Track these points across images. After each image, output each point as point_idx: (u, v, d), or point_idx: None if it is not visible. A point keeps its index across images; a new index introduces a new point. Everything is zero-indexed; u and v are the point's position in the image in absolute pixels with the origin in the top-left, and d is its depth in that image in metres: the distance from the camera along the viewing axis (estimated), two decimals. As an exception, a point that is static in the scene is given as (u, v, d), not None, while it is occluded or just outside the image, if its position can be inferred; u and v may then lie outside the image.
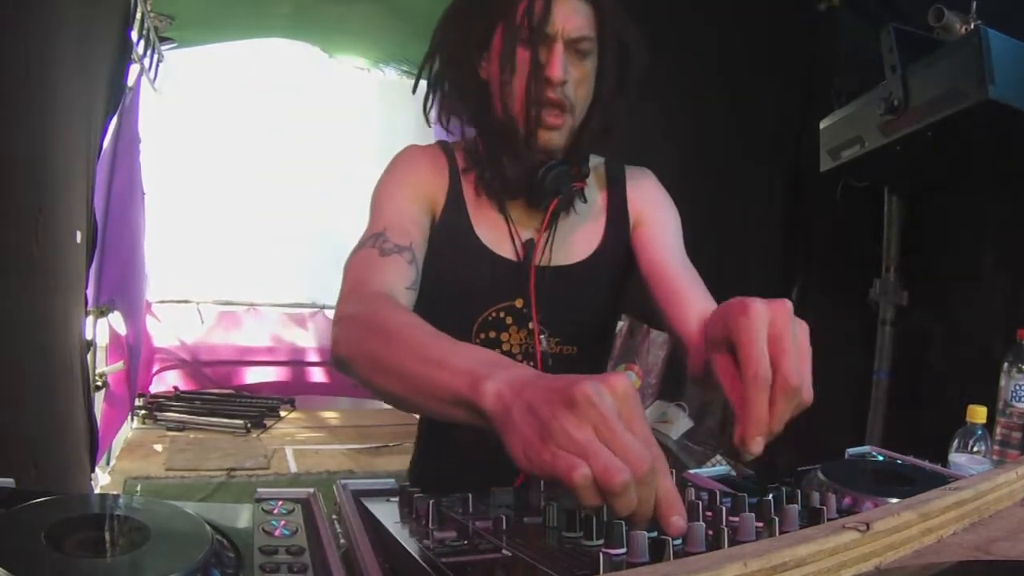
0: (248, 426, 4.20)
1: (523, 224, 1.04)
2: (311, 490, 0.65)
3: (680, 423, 2.83)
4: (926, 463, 0.85)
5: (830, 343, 2.22)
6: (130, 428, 4.09)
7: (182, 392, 4.81)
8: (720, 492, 0.63)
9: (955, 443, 1.02)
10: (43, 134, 1.83)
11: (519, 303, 1.03)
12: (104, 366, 3.43)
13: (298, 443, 4.07)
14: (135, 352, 3.91)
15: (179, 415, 4.29)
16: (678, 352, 0.98)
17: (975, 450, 1.01)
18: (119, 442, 3.72)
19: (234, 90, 4.87)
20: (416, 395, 0.66)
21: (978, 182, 1.79)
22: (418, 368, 0.65)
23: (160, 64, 4.22)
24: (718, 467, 0.91)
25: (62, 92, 1.97)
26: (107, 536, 0.51)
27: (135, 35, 3.30)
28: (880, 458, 0.87)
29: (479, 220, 1.03)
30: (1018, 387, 1.05)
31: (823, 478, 0.72)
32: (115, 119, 2.88)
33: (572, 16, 0.92)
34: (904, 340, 2.00)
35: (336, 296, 0.90)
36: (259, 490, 0.63)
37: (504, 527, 0.55)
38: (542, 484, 0.63)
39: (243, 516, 0.60)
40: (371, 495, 0.66)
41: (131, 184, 3.78)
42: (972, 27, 1.43)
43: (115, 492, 2.81)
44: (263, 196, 4.96)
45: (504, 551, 0.51)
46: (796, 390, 0.56)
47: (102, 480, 3.08)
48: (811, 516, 0.56)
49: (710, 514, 0.56)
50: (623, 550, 0.48)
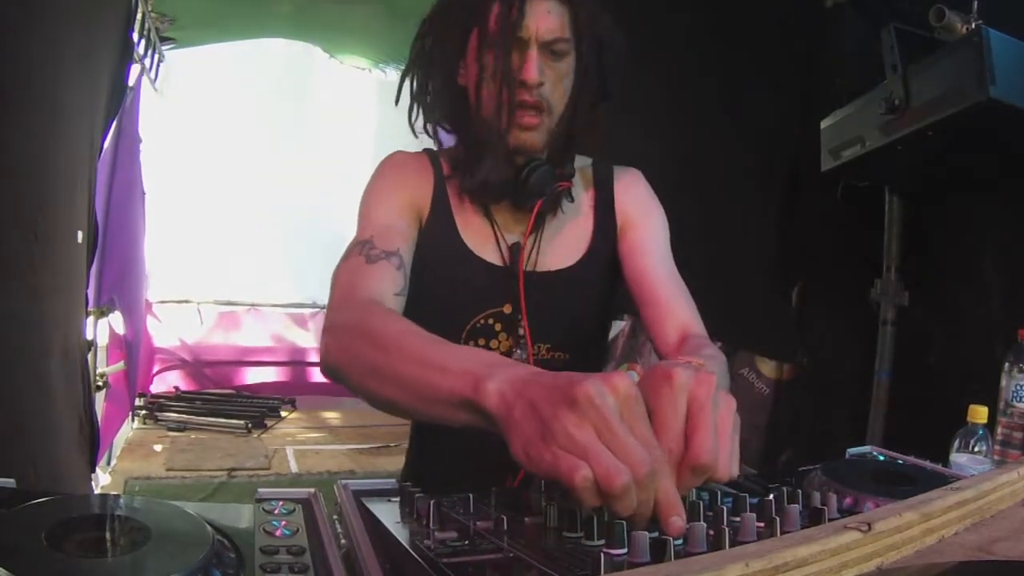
0: (249, 426, 4.21)
1: (509, 228, 1.03)
2: (312, 490, 0.65)
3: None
4: (927, 463, 0.85)
5: (831, 343, 2.23)
6: (131, 428, 4.10)
7: (183, 392, 4.82)
8: (721, 492, 0.63)
9: (956, 443, 1.02)
10: (45, 134, 1.83)
11: (507, 309, 1.02)
12: (104, 366, 3.44)
13: (299, 443, 4.08)
14: (135, 351, 3.91)
15: (180, 415, 4.30)
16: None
17: (976, 450, 1.01)
18: (120, 442, 3.72)
19: (234, 90, 4.87)
20: (415, 400, 0.66)
21: (979, 182, 1.79)
22: (416, 372, 0.65)
23: (161, 64, 4.23)
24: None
25: (64, 92, 1.97)
26: (108, 536, 0.51)
27: (136, 35, 3.30)
28: (881, 458, 0.87)
29: (465, 225, 1.03)
30: (1019, 387, 1.05)
31: (824, 478, 0.72)
32: (116, 119, 2.88)
33: (545, 18, 0.92)
34: (905, 340, 2.00)
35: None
36: (260, 490, 0.63)
37: (505, 527, 0.55)
38: (543, 484, 0.63)
39: (244, 516, 0.59)
40: (372, 495, 0.66)
41: (131, 184, 3.78)
42: (973, 27, 1.43)
43: (116, 492, 2.82)
44: (263, 196, 4.97)
45: (505, 552, 0.51)
46: (705, 467, 0.53)
47: (103, 480, 3.09)
48: (812, 516, 0.56)
49: (711, 514, 0.56)
50: (624, 550, 0.48)
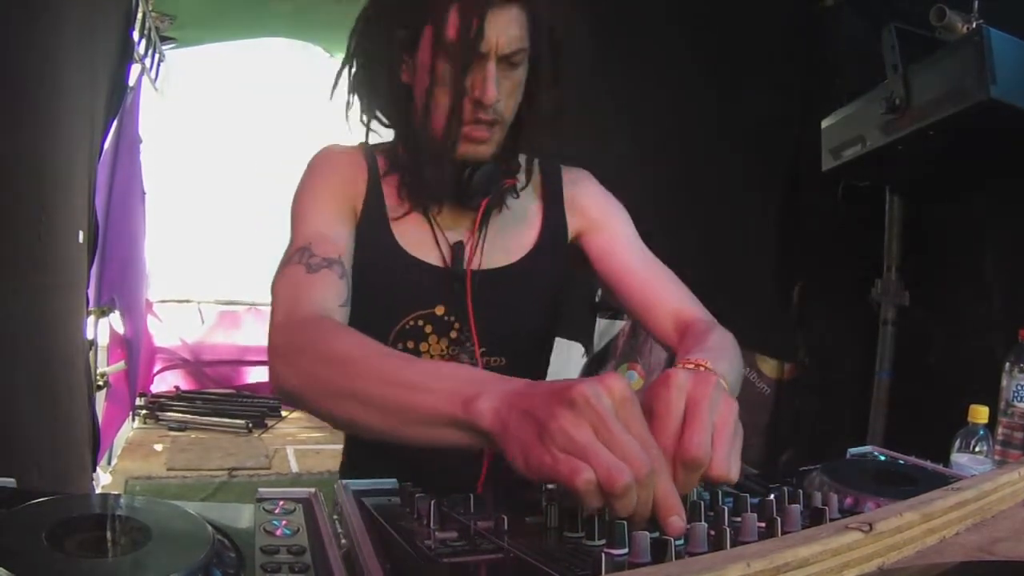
0: (249, 426, 4.21)
1: (450, 226, 0.99)
2: (312, 490, 0.65)
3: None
4: (928, 463, 0.85)
5: (831, 343, 2.23)
6: (131, 428, 4.10)
7: (183, 392, 4.82)
8: (722, 492, 0.63)
9: (957, 443, 1.02)
10: (46, 134, 1.83)
11: (440, 310, 0.96)
12: (105, 366, 3.44)
13: (299, 443, 4.08)
14: (135, 350, 3.91)
15: (180, 415, 4.30)
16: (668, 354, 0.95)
17: (977, 450, 1.01)
18: (120, 442, 3.72)
19: (235, 90, 4.88)
20: (395, 422, 0.64)
21: (980, 182, 1.79)
22: (394, 394, 0.63)
23: (161, 64, 4.22)
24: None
25: (65, 92, 1.97)
26: (108, 536, 0.51)
27: (136, 35, 3.30)
28: (882, 458, 0.87)
29: (400, 225, 0.97)
30: (1020, 387, 1.05)
31: (825, 478, 0.72)
32: (116, 119, 2.88)
33: (506, 29, 0.86)
34: (905, 340, 1.99)
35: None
36: (260, 490, 0.63)
37: (506, 527, 0.55)
38: (543, 485, 0.63)
39: (244, 516, 0.59)
40: (372, 495, 0.66)
41: (132, 184, 3.78)
42: (974, 26, 1.43)
43: (116, 492, 2.81)
44: (263, 195, 4.96)
45: (506, 551, 0.51)
46: (695, 462, 0.52)
47: (103, 480, 3.09)
48: (813, 516, 0.56)
49: (712, 514, 0.56)
50: (625, 550, 0.48)
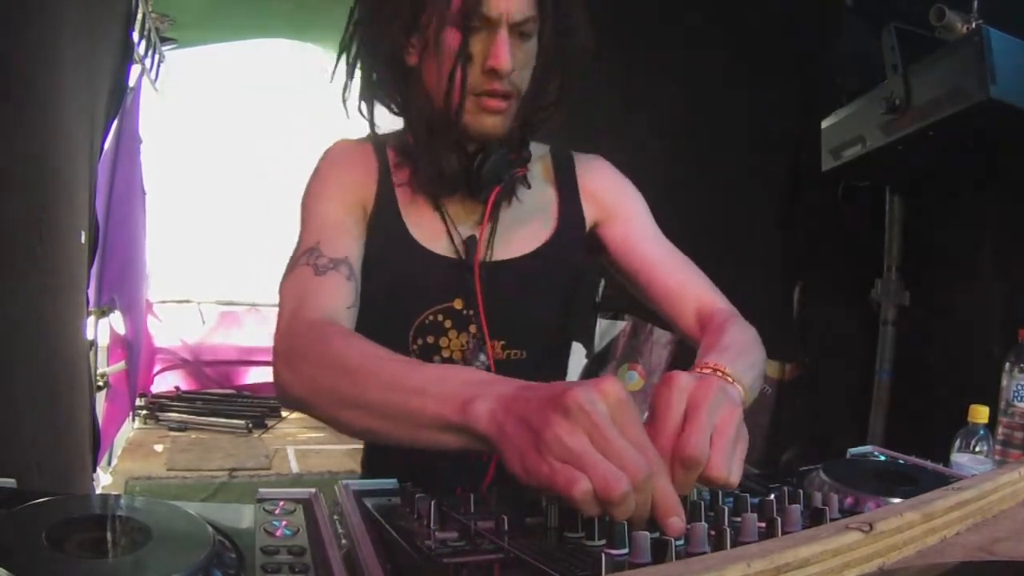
0: (250, 426, 4.21)
1: (462, 219, 0.96)
2: (313, 490, 0.65)
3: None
4: (928, 463, 0.85)
5: (831, 343, 2.23)
6: (131, 428, 4.10)
7: (183, 392, 4.82)
8: (722, 492, 0.63)
9: (957, 443, 1.02)
10: (46, 134, 1.83)
11: (458, 304, 0.94)
12: (105, 366, 3.44)
13: (300, 443, 4.07)
14: (135, 350, 3.91)
15: (180, 415, 4.30)
16: (688, 346, 0.94)
17: (977, 450, 1.01)
18: (121, 442, 3.72)
19: (235, 90, 4.88)
20: (397, 428, 0.63)
21: (980, 182, 1.79)
22: (394, 399, 0.63)
23: (161, 64, 4.23)
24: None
25: (65, 93, 1.97)
26: (108, 537, 0.51)
27: (136, 35, 3.30)
28: (882, 458, 0.87)
29: (413, 217, 0.95)
30: (1020, 387, 1.05)
31: (825, 478, 0.72)
32: (116, 119, 2.88)
33: None
34: (905, 340, 2.00)
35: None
36: (261, 490, 0.63)
37: (506, 527, 0.55)
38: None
39: (245, 516, 0.60)
40: (373, 495, 0.66)
41: (132, 184, 3.78)
42: (973, 26, 1.43)
43: (116, 492, 2.82)
44: (264, 196, 4.97)
45: (506, 551, 0.51)
46: (692, 460, 0.52)
47: (103, 480, 3.09)
48: (814, 516, 0.56)
49: (712, 514, 0.56)
50: (625, 551, 0.48)
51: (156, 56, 4.00)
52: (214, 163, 4.83)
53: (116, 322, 3.63)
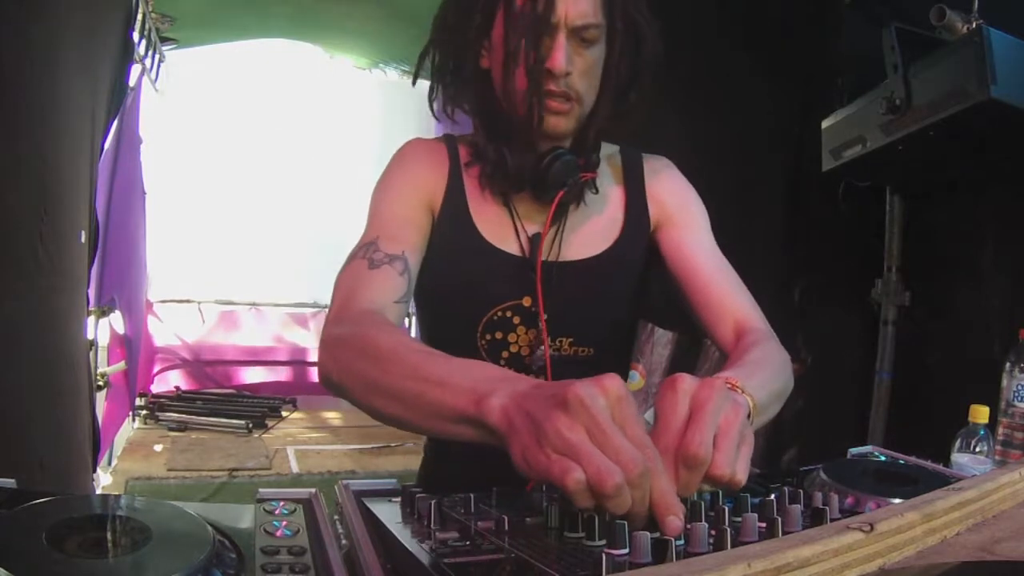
0: (250, 426, 4.20)
1: (530, 218, 0.98)
2: (313, 490, 0.65)
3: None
4: (928, 463, 0.85)
5: (832, 343, 2.23)
6: (132, 428, 4.10)
7: (184, 392, 4.82)
8: (723, 492, 0.63)
9: (957, 443, 1.02)
10: (47, 135, 1.83)
11: (527, 301, 0.97)
12: (106, 366, 3.44)
13: (300, 443, 4.07)
14: (134, 350, 3.92)
15: (181, 415, 4.29)
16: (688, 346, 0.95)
17: (977, 450, 1.01)
18: (121, 442, 3.72)
19: (235, 90, 4.88)
20: (419, 416, 0.65)
21: (980, 182, 1.79)
22: (417, 388, 0.64)
23: (161, 64, 4.23)
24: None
25: (66, 93, 1.97)
26: (108, 537, 0.51)
27: (136, 35, 3.30)
28: (882, 458, 0.87)
29: (481, 215, 0.98)
30: (1020, 387, 1.05)
31: (825, 478, 0.72)
32: (117, 119, 2.88)
33: (576, 1, 0.86)
34: (906, 340, 2.00)
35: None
36: (261, 490, 0.63)
37: (506, 527, 0.55)
38: (544, 485, 0.63)
39: (245, 517, 0.59)
40: (373, 495, 0.66)
41: (132, 184, 3.79)
42: (974, 26, 1.43)
43: (116, 492, 2.82)
44: (264, 196, 4.97)
45: (506, 552, 0.51)
46: (697, 460, 0.53)
47: (104, 480, 3.09)
48: (814, 516, 0.56)
49: (712, 514, 0.56)
50: (626, 551, 0.48)
51: (156, 56, 4.00)
52: (214, 163, 4.82)
53: (116, 322, 3.63)
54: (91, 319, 2.93)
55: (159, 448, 3.72)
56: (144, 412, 4.30)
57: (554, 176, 0.93)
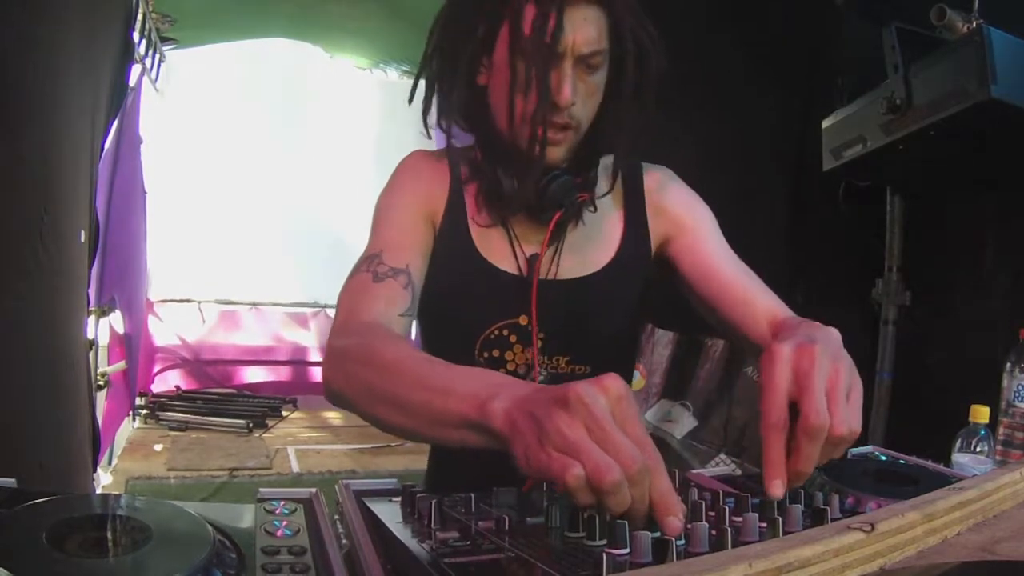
0: (250, 426, 4.21)
1: (527, 237, 0.98)
2: (313, 490, 0.65)
3: (684, 422, 2.83)
4: (929, 463, 0.85)
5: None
6: (132, 428, 4.10)
7: (184, 392, 4.82)
8: (723, 492, 0.63)
9: (958, 443, 1.02)
10: (47, 135, 1.83)
11: (523, 320, 0.97)
12: (106, 366, 3.44)
13: (300, 443, 4.08)
14: (134, 348, 3.92)
15: (181, 415, 4.30)
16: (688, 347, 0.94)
17: (978, 450, 1.01)
18: (121, 442, 3.72)
19: (235, 90, 4.88)
20: (423, 425, 0.66)
21: (980, 181, 1.79)
22: (421, 397, 0.65)
23: (162, 64, 4.23)
24: (721, 467, 0.90)
25: (66, 93, 1.97)
26: (109, 536, 0.51)
27: (137, 35, 3.30)
28: (883, 458, 0.87)
29: (480, 232, 0.98)
30: (1021, 387, 1.05)
31: (826, 478, 0.71)
32: (117, 119, 2.89)
33: (583, 28, 0.84)
34: (906, 340, 2.00)
35: (336, 296, 0.89)
36: (261, 490, 0.63)
37: (507, 527, 0.55)
38: (544, 485, 0.63)
39: (245, 516, 0.59)
40: (373, 495, 0.66)
41: (132, 184, 3.79)
42: (974, 26, 1.43)
43: (117, 492, 2.82)
44: (264, 195, 4.97)
45: (507, 552, 0.51)
46: (818, 429, 0.55)
47: (104, 480, 3.09)
48: (815, 516, 0.56)
49: (713, 514, 0.56)
50: (626, 550, 0.48)
51: (157, 56, 4.00)
52: (214, 163, 4.83)
53: (116, 322, 3.63)
54: (91, 319, 2.93)
55: (159, 448, 3.73)
56: (144, 412, 4.30)
57: (550, 198, 0.92)
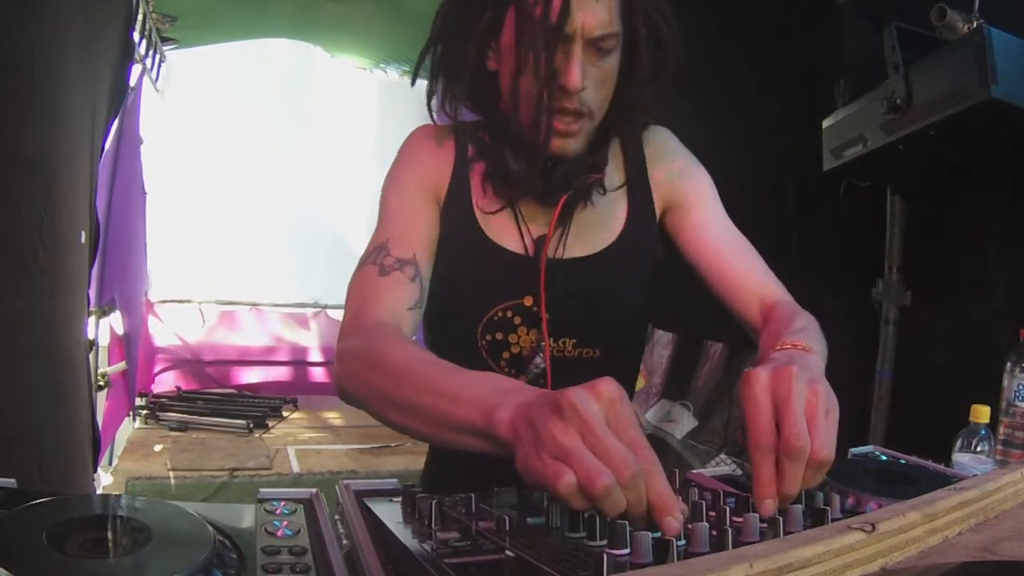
0: (250, 426, 4.21)
1: (534, 217, 0.95)
2: (314, 490, 0.65)
3: (685, 422, 2.83)
4: (929, 463, 0.85)
5: (832, 343, 2.23)
6: (132, 428, 4.10)
7: (184, 392, 4.82)
8: (724, 492, 0.63)
9: (958, 443, 1.02)
10: (48, 135, 1.83)
11: (528, 301, 0.94)
12: (106, 366, 3.44)
13: (300, 443, 4.08)
14: (134, 348, 3.92)
15: (181, 415, 4.30)
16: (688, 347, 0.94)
17: (978, 450, 1.01)
18: (121, 442, 3.73)
19: (235, 90, 4.88)
20: (431, 428, 0.66)
21: (981, 181, 1.78)
22: (430, 402, 0.65)
23: (162, 64, 4.23)
24: (722, 466, 0.90)
25: (66, 93, 1.97)
26: (109, 537, 0.51)
27: (137, 35, 3.30)
28: (883, 458, 0.87)
29: (485, 211, 0.94)
30: (1021, 387, 1.05)
31: (827, 478, 0.71)
32: (117, 119, 2.89)
33: (594, 9, 0.79)
34: (907, 339, 1.99)
35: (338, 295, 0.89)
36: (261, 490, 0.63)
37: (507, 528, 0.55)
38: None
39: (245, 517, 0.59)
40: (374, 495, 0.66)
41: (132, 184, 3.79)
42: (975, 26, 1.43)
43: (117, 492, 2.82)
44: (264, 196, 4.97)
45: (507, 552, 0.50)
46: (799, 450, 0.56)
47: (104, 480, 3.09)
48: (815, 516, 0.55)
49: (714, 514, 0.56)
50: (627, 551, 0.48)
51: (157, 56, 4.00)
52: (214, 163, 4.83)
53: (116, 322, 3.63)
54: (91, 319, 2.93)
55: (159, 448, 3.73)
56: (145, 412, 4.30)
57: (558, 181, 0.89)
